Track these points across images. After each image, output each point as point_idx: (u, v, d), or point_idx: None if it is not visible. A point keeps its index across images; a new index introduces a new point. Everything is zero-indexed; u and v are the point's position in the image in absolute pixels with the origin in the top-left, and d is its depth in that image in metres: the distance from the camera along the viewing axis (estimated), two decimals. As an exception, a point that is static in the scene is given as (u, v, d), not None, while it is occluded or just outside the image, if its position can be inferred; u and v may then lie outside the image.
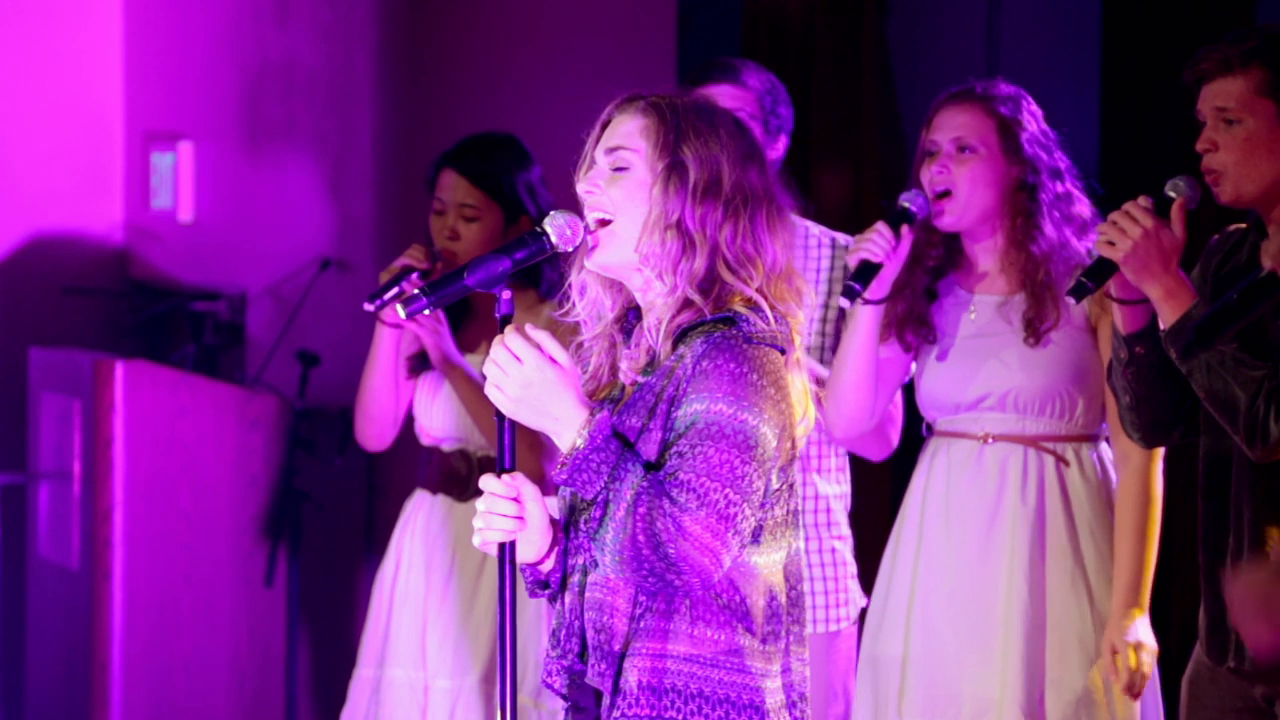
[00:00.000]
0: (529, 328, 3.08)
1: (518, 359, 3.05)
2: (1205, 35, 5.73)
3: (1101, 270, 3.76)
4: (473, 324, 4.88)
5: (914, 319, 4.31)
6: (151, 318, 7.24)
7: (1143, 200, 3.75)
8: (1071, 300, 3.82)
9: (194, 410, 6.05)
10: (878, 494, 5.84)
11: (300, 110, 6.76)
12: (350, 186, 6.54)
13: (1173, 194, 3.77)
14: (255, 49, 6.96)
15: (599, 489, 3.01)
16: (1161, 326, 3.66)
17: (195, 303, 7.05)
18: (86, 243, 7.52)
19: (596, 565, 3.08)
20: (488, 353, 4.76)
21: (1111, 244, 3.70)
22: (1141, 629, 4.10)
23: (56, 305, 7.34)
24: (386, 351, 4.79)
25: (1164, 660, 4.28)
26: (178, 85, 7.39)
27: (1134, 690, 4.10)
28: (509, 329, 3.07)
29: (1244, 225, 3.84)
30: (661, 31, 6.13)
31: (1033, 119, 4.25)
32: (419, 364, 4.85)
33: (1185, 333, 3.58)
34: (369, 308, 4.67)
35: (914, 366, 4.39)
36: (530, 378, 3.05)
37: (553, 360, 3.06)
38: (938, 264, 4.32)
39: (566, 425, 3.04)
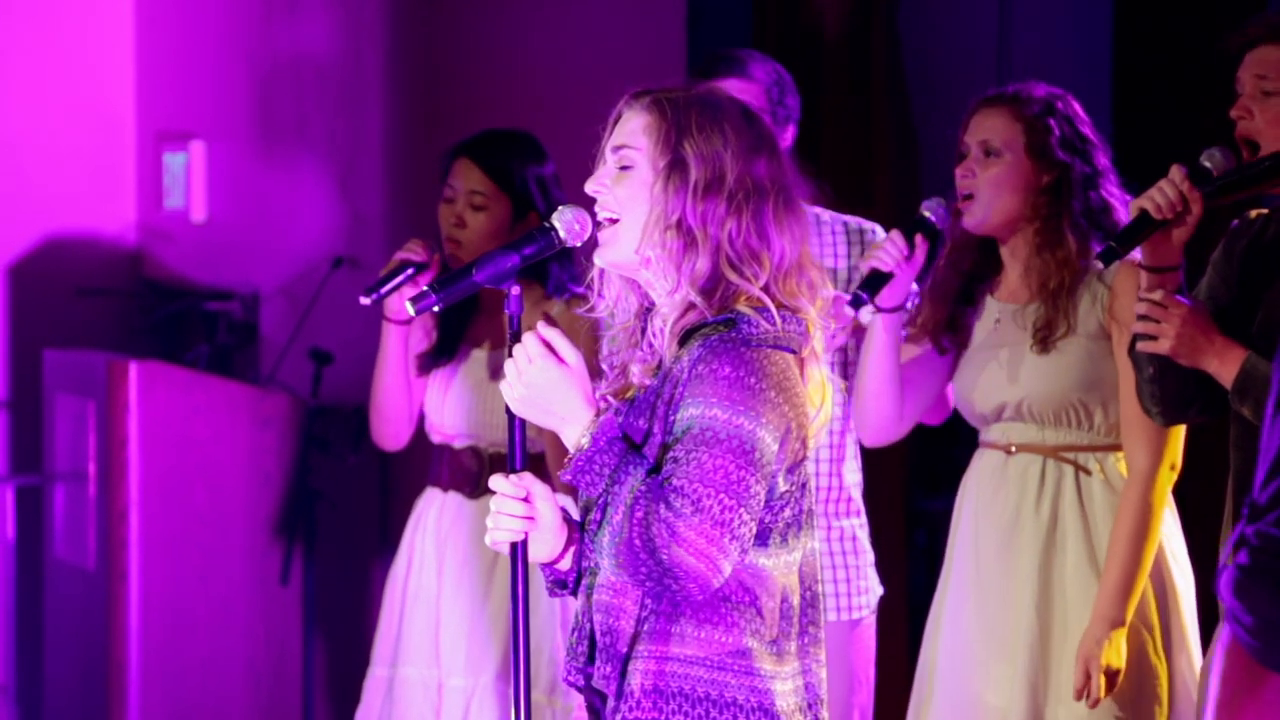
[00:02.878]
0: (542, 326, 3.07)
1: (529, 359, 3.05)
2: (1216, 23, 5.73)
3: (1131, 235, 3.72)
4: (479, 319, 4.88)
5: (948, 323, 4.28)
6: (165, 318, 7.24)
7: (1176, 173, 3.71)
8: (1100, 266, 3.79)
9: (208, 410, 6.05)
10: (889, 483, 5.84)
11: (311, 108, 6.76)
12: (362, 184, 6.54)
13: (1208, 164, 3.74)
14: (265, 47, 6.96)
15: (601, 491, 3.00)
16: (1228, 388, 3.63)
17: (208, 302, 7.04)
18: (100, 244, 7.52)
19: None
20: (493, 347, 4.81)
21: (1155, 339, 3.69)
22: (1113, 651, 4.03)
23: (70, 306, 7.34)
24: (395, 349, 4.79)
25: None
26: (189, 85, 7.39)
27: (1090, 702, 4.03)
28: (529, 333, 3.07)
29: (1265, 211, 3.81)
30: (672, 27, 6.13)
31: (1065, 122, 4.18)
32: (428, 362, 4.84)
33: (1252, 387, 3.57)
34: (365, 301, 4.67)
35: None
36: (535, 378, 3.04)
37: (560, 360, 3.05)
38: (974, 268, 4.29)
39: (573, 425, 3.04)
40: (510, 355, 3.07)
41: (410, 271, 4.65)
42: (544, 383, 3.04)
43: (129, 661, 5.95)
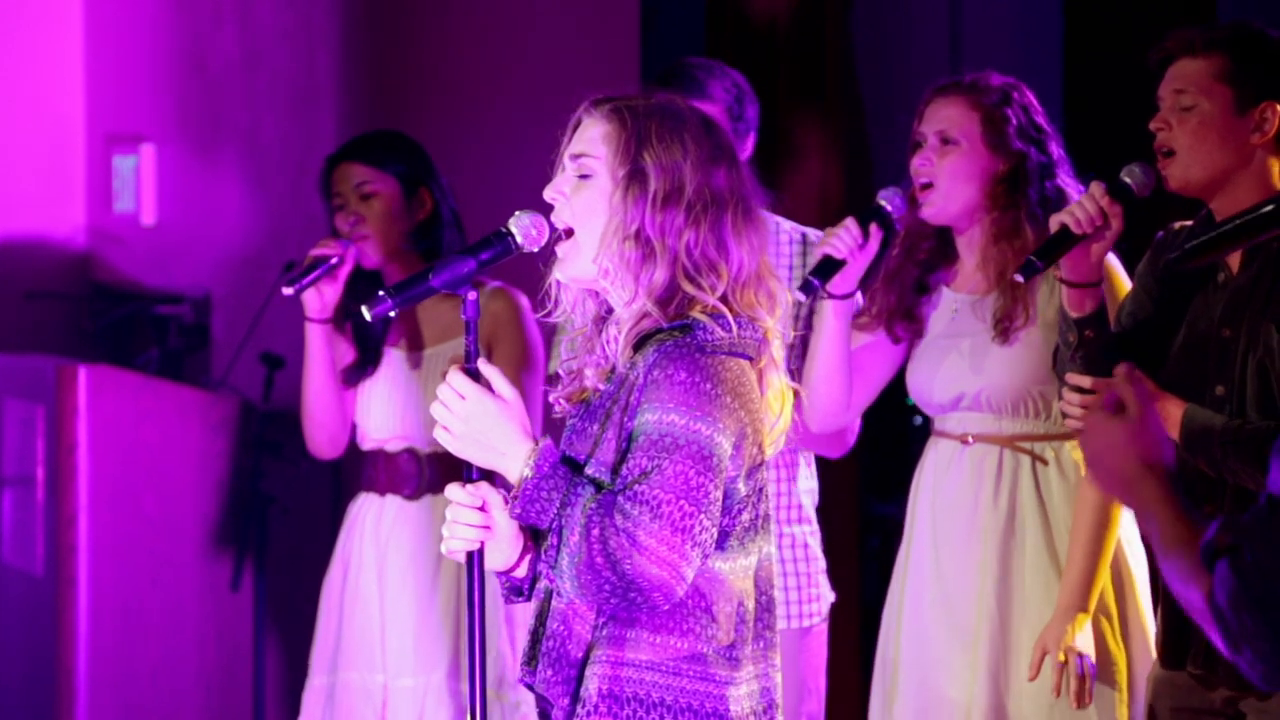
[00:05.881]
0: (481, 363, 3.07)
1: (460, 396, 3.05)
2: (1165, 26, 5.76)
3: (1051, 249, 3.75)
4: (396, 322, 4.90)
5: (902, 312, 4.29)
6: (115, 321, 7.20)
7: (1096, 189, 3.74)
8: (1019, 279, 3.81)
9: (158, 414, 6.02)
10: (842, 488, 5.85)
11: (263, 111, 6.73)
12: (314, 188, 6.50)
13: (1128, 180, 3.78)
14: (216, 51, 6.93)
15: (552, 517, 2.98)
16: (1177, 438, 3.64)
17: (159, 306, 7.01)
18: (48, 246, 7.48)
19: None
20: (410, 348, 4.84)
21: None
22: (1080, 636, 4.03)
23: (18, 310, 7.30)
24: (320, 348, 4.80)
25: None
26: (139, 88, 7.35)
27: (1072, 695, 4.02)
28: (453, 369, 3.07)
29: (1190, 222, 3.83)
30: (625, 31, 6.12)
31: (1021, 111, 4.20)
32: (354, 374, 4.85)
33: (1197, 438, 3.58)
34: (287, 292, 4.74)
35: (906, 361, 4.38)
36: (471, 412, 3.04)
37: (494, 394, 3.05)
38: (929, 257, 4.30)
39: (512, 459, 3.03)
40: (437, 398, 3.06)
41: (330, 264, 4.71)
42: (480, 416, 3.04)
43: (78, 668, 5.91)
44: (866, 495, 6.51)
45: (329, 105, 6.47)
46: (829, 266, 4.17)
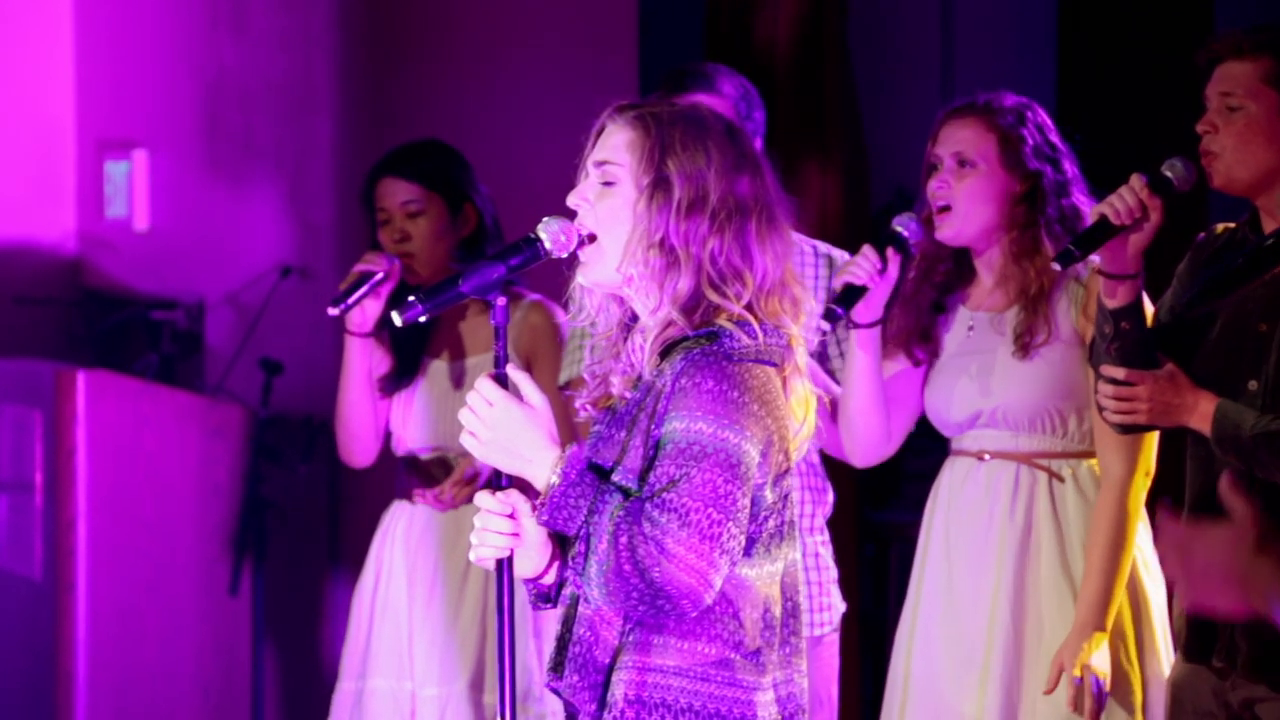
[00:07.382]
0: (510, 369, 3.08)
1: (488, 402, 3.06)
2: (1159, 33, 5.79)
3: (1090, 239, 3.76)
4: (437, 332, 4.88)
5: (920, 333, 4.30)
6: (108, 327, 7.19)
7: (1136, 181, 3.75)
8: (1057, 267, 3.83)
9: (157, 419, 6.02)
10: (839, 497, 5.86)
11: (258, 117, 6.73)
12: (310, 194, 6.51)
13: (1169, 174, 3.79)
14: (212, 56, 6.93)
15: (580, 524, 3.00)
16: (1209, 434, 3.68)
17: (152, 312, 7.00)
18: (39, 252, 7.46)
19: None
20: (452, 358, 4.83)
21: (1131, 413, 3.73)
22: (1096, 653, 4.05)
23: (9, 315, 7.29)
24: (359, 362, 4.78)
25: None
26: (132, 93, 7.34)
27: (1085, 712, 4.04)
28: (481, 376, 3.08)
29: (1232, 225, 3.85)
30: (623, 39, 6.14)
31: (1037, 131, 4.21)
32: (390, 383, 4.85)
33: (1227, 435, 3.60)
34: (333, 312, 4.69)
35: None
36: (498, 418, 3.05)
37: (522, 401, 3.06)
38: (945, 279, 4.31)
39: (539, 465, 3.04)
40: (466, 404, 3.08)
41: (375, 280, 4.68)
42: (506, 423, 3.05)
43: (76, 672, 5.91)
44: (861, 503, 6.53)
45: (325, 111, 6.48)
46: (851, 294, 4.17)
